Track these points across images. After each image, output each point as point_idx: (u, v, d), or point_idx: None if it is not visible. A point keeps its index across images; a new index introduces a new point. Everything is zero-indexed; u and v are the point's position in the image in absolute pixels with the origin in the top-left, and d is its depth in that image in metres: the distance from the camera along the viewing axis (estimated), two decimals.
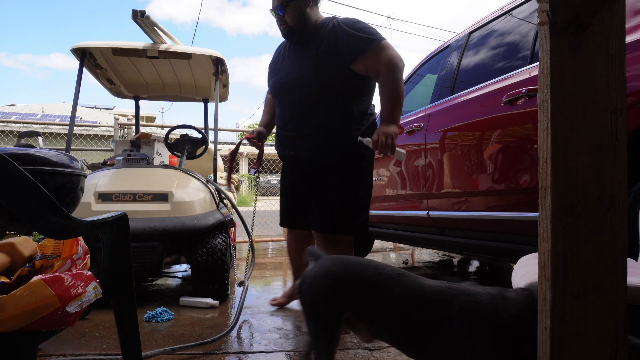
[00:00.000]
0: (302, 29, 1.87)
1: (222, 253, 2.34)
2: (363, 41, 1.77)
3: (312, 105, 1.87)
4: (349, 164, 1.90)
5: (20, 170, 0.86)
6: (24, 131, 4.04)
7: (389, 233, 3.39)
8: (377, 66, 1.76)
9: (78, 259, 1.20)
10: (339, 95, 1.85)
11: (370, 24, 1.90)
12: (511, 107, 2.06)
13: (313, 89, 1.85)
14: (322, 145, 1.89)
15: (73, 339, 1.77)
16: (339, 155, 1.89)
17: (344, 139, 1.86)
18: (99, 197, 2.27)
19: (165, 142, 3.18)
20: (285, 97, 1.96)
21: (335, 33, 1.82)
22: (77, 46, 2.97)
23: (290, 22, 1.87)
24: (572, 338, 0.65)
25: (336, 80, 1.83)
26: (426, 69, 3.29)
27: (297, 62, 1.91)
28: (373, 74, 1.81)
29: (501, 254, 2.25)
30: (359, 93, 1.89)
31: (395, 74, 1.74)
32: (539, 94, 0.68)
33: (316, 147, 1.90)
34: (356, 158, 1.91)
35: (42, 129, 6.67)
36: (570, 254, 0.65)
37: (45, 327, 0.89)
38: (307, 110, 1.89)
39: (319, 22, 1.91)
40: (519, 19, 2.32)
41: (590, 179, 0.65)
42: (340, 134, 1.87)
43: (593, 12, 0.65)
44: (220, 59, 3.16)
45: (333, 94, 1.84)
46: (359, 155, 1.91)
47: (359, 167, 1.92)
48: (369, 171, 2.00)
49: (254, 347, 1.72)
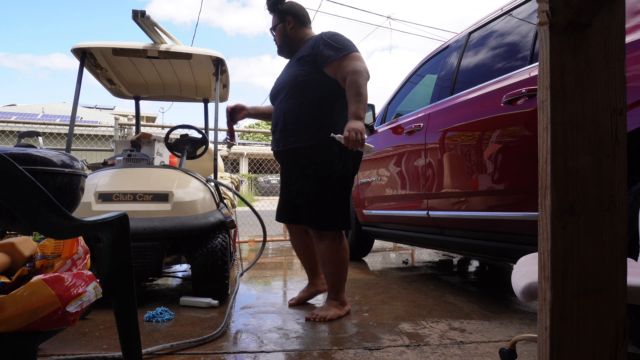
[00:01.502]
0: (288, 46, 2.27)
1: (222, 253, 2.34)
2: (335, 49, 2.04)
3: (292, 103, 2.13)
4: (325, 162, 2.10)
5: (20, 170, 0.86)
6: (24, 131, 4.03)
7: (389, 233, 3.39)
8: (344, 72, 2.00)
9: (78, 259, 1.20)
10: (312, 95, 2.10)
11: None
12: (511, 107, 2.07)
13: (293, 89, 2.13)
14: (299, 139, 2.11)
15: (73, 338, 1.78)
16: (316, 150, 2.09)
17: (319, 135, 2.08)
18: (99, 197, 2.27)
19: (165, 142, 3.18)
20: (275, 100, 2.26)
21: (315, 42, 2.12)
22: (78, 46, 2.97)
23: (278, 41, 2.29)
24: (572, 338, 0.65)
25: (308, 80, 2.10)
26: (426, 69, 3.29)
27: (286, 71, 2.26)
28: (341, 79, 2.04)
29: (501, 254, 2.25)
30: (331, 95, 2.12)
31: (359, 80, 1.96)
32: (539, 94, 0.68)
33: (294, 140, 2.12)
34: (332, 156, 2.10)
35: (43, 129, 6.68)
36: (570, 254, 0.65)
37: (45, 327, 0.89)
38: (287, 107, 2.15)
39: (306, 38, 2.25)
40: (518, 19, 2.32)
41: (590, 179, 0.65)
42: (316, 130, 2.09)
43: (593, 12, 0.65)
44: (220, 59, 3.16)
45: (307, 92, 2.10)
46: (333, 152, 2.09)
47: (334, 165, 2.10)
48: (347, 169, 2.14)
49: (254, 346, 1.72)
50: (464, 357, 1.60)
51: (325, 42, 2.06)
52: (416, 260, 4.24)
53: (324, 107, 2.09)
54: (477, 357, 1.60)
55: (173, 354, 1.62)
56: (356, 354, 1.63)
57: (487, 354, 1.63)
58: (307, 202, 2.14)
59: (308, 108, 2.10)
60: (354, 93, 1.95)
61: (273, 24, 2.28)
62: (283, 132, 2.16)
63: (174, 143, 3.16)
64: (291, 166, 2.22)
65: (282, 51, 2.30)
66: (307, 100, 2.10)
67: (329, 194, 2.12)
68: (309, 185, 2.13)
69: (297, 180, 2.17)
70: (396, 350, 1.67)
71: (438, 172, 2.61)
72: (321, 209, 2.12)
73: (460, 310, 2.26)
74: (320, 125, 2.08)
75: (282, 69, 2.34)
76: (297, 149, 2.13)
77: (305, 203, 2.15)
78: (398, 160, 3.07)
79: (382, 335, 1.85)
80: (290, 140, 2.14)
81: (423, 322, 2.05)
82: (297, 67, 2.15)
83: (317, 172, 2.10)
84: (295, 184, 2.19)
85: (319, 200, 2.12)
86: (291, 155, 2.18)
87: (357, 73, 1.96)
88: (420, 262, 4.07)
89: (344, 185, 2.14)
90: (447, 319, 2.10)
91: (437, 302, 2.43)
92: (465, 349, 1.69)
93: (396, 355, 1.62)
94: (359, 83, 1.95)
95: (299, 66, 2.13)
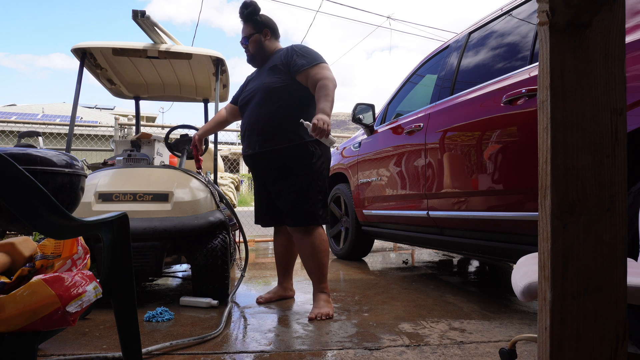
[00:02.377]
0: (260, 56, 2.38)
1: (222, 253, 2.34)
2: (307, 59, 2.22)
3: (270, 108, 2.23)
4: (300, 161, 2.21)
5: (20, 170, 0.86)
6: (24, 131, 4.04)
7: (389, 233, 3.39)
8: (315, 78, 2.18)
9: (78, 259, 1.20)
10: (289, 100, 2.22)
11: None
12: (511, 107, 2.07)
13: (268, 95, 2.24)
14: (272, 142, 2.22)
15: (73, 338, 1.78)
16: (289, 150, 2.20)
17: (291, 137, 2.20)
18: (99, 197, 2.27)
19: (165, 142, 3.18)
20: (247, 105, 2.34)
21: (287, 53, 2.27)
22: (78, 46, 2.97)
23: (252, 50, 2.37)
24: (572, 338, 0.65)
25: (284, 87, 2.22)
26: (426, 69, 3.29)
27: (257, 79, 2.37)
28: (311, 85, 2.20)
29: (501, 254, 2.25)
30: (305, 100, 2.26)
31: (329, 84, 2.14)
32: (539, 94, 0.68)
33: (267, 143, 2.22)
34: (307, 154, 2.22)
35: (43, 129, 6.67)
36: (570, 254, 0.65)
37: (45, 327, 0.89)
38: (264, 112, 2.24)
39: (276, 49, 2.40)
40: (518, 20, 2.32)
41: (590, 179, 0.65)
42: (288, 132, 2.20)
43: (593, 12, 0.65)
44: (220, 59, 3.16)
45: (284, 97, 2.22)
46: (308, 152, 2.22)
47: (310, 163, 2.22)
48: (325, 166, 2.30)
49: (254, 346, 1.72)
50: (464, 357, 1.60)
51: (298, 53, 2.25)
52: (416, 260, 4.24)
53: (300, 111, 2.21)
54: (477, 357, 1.60)
55: (173, 354, 1.62)
56: (356, 354, 1.63)
57: (487, 354, 1.63)
58: (292, 200, 2.22)
59: (286, 112, 2.21)
60: (324, 94, 2.11)
61: (247, 33, 2.36)
62: (261, 135, 2.24)
63: (174, 143, 3.16)
64: (269, 168, 2.28)
65: (254, 60, 2.39)
66: (284, 105, 2.22)
67: (313, 190, 2.23)
68: (292, 184, 2.22)
69: (278, 182, 2.25)
70: (396, 350, 1.67)
71: (438, 172, 2.61)
72: (308, 205, 2.22)
73: (460, 310, 2.26)
74: (300, 127, 2.20)
75: (250, 78, 2.46)
76: (279, 150, 2.21)
77: (290, 202, 2.22)
78: (398, 160, 3.07)
79: (382, 335, 1.85)
80: (270, 142, 2.22)
81: (423, 322, 2.05)
82: (271, 75, 2.26)
83: (299, 170, 2.21)
84: (275, 186, 2.27)
85: (304, 198, 2.21)
86: (270, 157, 2.24)
87: (327, 79, 2.16)
88: (420, 262, 4.07)
89: (324, 180, 2.30)
90: (447, 319, 2.10)
91: (437, 302, 2.43)
92: (465, 349, 1.69)
93: (396, 355, 1.62)
94: (328, 87, 2.13)
95: (273, 74, 2.26)
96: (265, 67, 2.35)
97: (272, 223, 2.49)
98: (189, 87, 3.85)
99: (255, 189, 2.50)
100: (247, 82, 2.49)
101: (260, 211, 2.48)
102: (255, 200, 2.51)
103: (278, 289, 2.54)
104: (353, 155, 3.86)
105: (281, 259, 2.54)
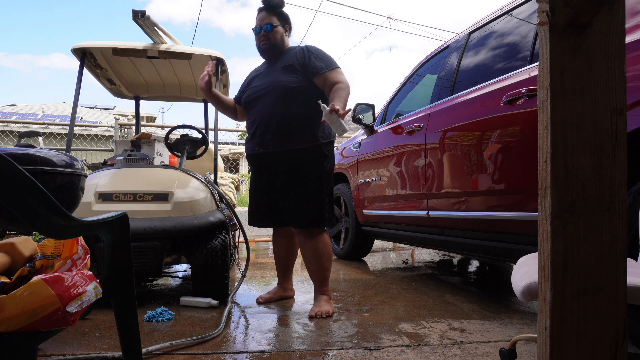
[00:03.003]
0: (276, 50, 2.33)
1: (222, 253, 2.34)
2: (324, 62, 2.25)
3: (287, 108, 2.21)
4: (312, 163, 2.22)
5: (20, 170, 0.86)
6: (24, 131, 4.03)
7: (389, 233, 3.39)
8: (332, 81, 2.21)
9: (78, 259, 1.20)
10: (303, 101, 2.21)
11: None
12: (511, 107, 2.07)
13: (284, 94, 2.21)
14: (287, 142, 2.20)
15: (73, 338, 1.78)
16: (303, 152, 2.20)
17: (306, 139, 2.20)
18: (99, 197, 2.27)
19: (165, 142, 3.18)
20: (257, 103, 2.29)
21: (302, 53, 2.27)
22: (78, 46, 2.97)
23: (272, 40, 2.31)
24: (572, 338, 0.65)
25: (302, 88, 2.22)
26: (426, 69, 3.29)
27: (268, 76, 2.31)
28: (327, 88, 2.23)
29: (501, 254, 2.25)
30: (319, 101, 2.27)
31: (346, 88, 2.19)
32: (539, 94, 0.68)
33: (282, 143, 2.20)
34: (319, 157, 2.24)
35: (43, 129, 6.67)
36: (570, 254, 0.65)
37: (45, 327, 0.89)
38: (276, 111, 2.22)
39: (287, 47, 2.39)
40: (518, 20, 2.32)
41: (590, 179, 0.65)
42: (303, 133, 2.21)
43: (593, 12, 0.65)
44: (220, 59, 3.16)
45: (300, 98, 2.21)
46: (322, 154, 2.24)
47: (321, 166, 2.24)
48: (332, 168, 2.33)
49: (254, 346, 1.72)
50: (464, 357, 1.60)
51: (315, 55, 2.26)
52: (416, 260, 4.24)
53: (315, 113, 2.20)
54: (477, 357, 1.60)
55: (173, 354, 1.62)
56: (356, 354, 1.63)
57: (487, 354, 1.63)
58: (300, 202, 2.21)
59: (302, 113, 2.21)
60: (340, 94, 2.15)
61: (270, 22, 2.28)
62: (277, 134, 2.20)
63: (174, 143, 3.16)
64: (280, 168, 2.24)
65: (271, 50, 2.32)
66: (301, 105, 2.21)
67: (322, 193, 2.24)
68: (302, 185, 2.21)
69: (287, 182, 2.23)
70: (396, 350, 1.67)
71: (438, 172, 2.61)
72: (315, 207, 2.22)
73: (460, 310, 2.26)
74: (315, 129, 2.22)
75: (259, 74, 2.38)
76: (293, 150, 2.20)
77: (297, 203, 2.21)
78: (398, 160, 3.07)
79: (382, 335, 1.85)
80: (285, 142, 2.19)
81: (423, 322, 2.05)
82: (287, 74, 2.24)
83: (311, 172, 2.22)
84: (284, 186, 2.25)
85: (313, 200, 2.21)
86: (283, 157, 2.21)
87: (344, 83, 2.21)
88: (420, 262, 4.07)
89: (331, 183, 2.32)
90: (447, 319, 2.10)
91: (437, 302, 2.43)
92: (465, 349, 1.69)
93: (396, 355, 1.62)
94: (345, 90, 2.18)
95: (289, 73, 2.24)
96: (277, 64, 2.31)
97: (271, 224, 2.46)
98: (189, 87, 3.85)
99: (254, 189, 2.43)
100: (251, 79, 2.43)
101: (258, 211, 2.42)
102: (252, 201, 2.45)
103: (278, 289, 2.54)
104: (353, 155, 3.86)
105: (281, 260, 2.53)
